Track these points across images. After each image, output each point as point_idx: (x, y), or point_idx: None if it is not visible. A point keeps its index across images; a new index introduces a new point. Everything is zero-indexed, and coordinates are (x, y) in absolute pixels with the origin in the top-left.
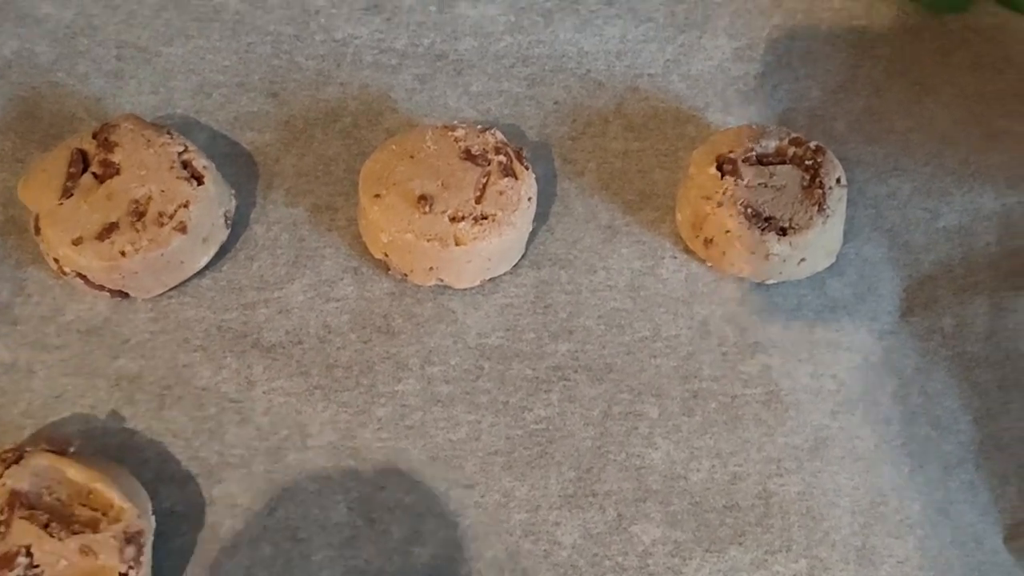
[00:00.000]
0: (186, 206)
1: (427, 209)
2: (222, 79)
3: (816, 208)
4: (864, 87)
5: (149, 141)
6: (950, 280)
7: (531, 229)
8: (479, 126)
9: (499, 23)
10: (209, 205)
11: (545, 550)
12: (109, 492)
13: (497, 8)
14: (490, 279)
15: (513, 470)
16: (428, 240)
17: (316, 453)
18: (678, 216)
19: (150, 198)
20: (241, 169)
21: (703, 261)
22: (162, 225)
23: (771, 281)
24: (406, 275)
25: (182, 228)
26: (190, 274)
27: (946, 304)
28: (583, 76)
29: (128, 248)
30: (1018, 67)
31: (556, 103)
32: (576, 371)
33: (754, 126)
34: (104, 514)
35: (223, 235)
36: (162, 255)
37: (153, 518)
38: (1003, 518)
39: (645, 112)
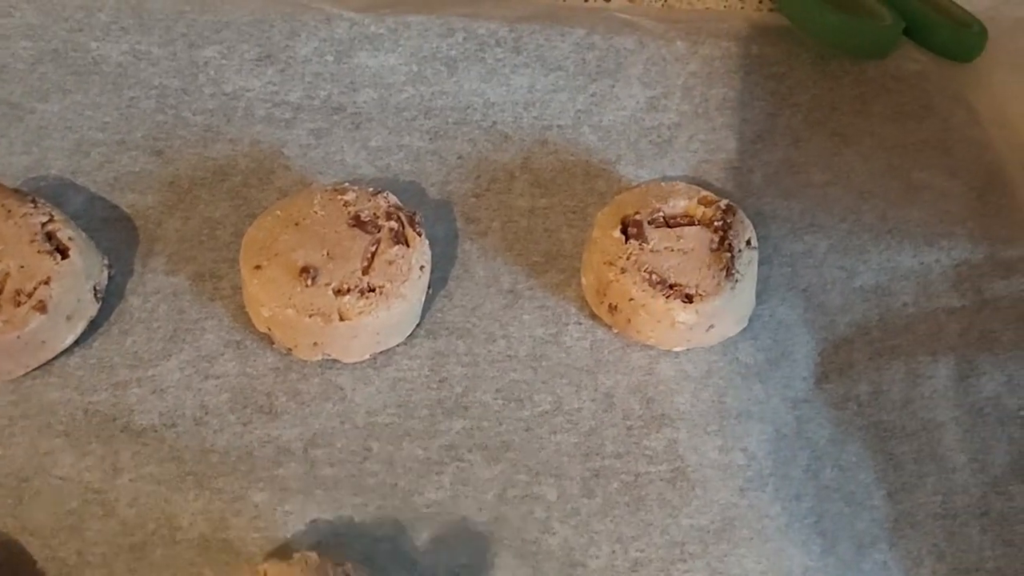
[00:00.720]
0: (47, 283)
1: (310, 282)
2: (101, 136)
3: (724, 273)
4: (783, 137)
5: (9, 211)
6: (867, 343)
7: (426, 296)
8: (371, 188)
9: (400, 73)
10: (75, 280)
11: None
12: None
13: (398, 58)
14: (382, 351)
15: (398, 559)
16: (310, 316)
17: (185, 547)
18: (583, 280)
19: (7, 275)
20: (119, 235)
21: (609, 327)
22: (19, 304)
23: (679, 348)
24: (291, 350)
25: (41, 308)
26: (54, 354)
27: (862, 370)
28: (489, 128)
29: None
30: (939, 116)
31: (460, 157)
32: (471, 450)
33: (663, 184)
34: None
35: (92, 310)
36: (19, 337)
37: None
38: None
39: (553, 166)
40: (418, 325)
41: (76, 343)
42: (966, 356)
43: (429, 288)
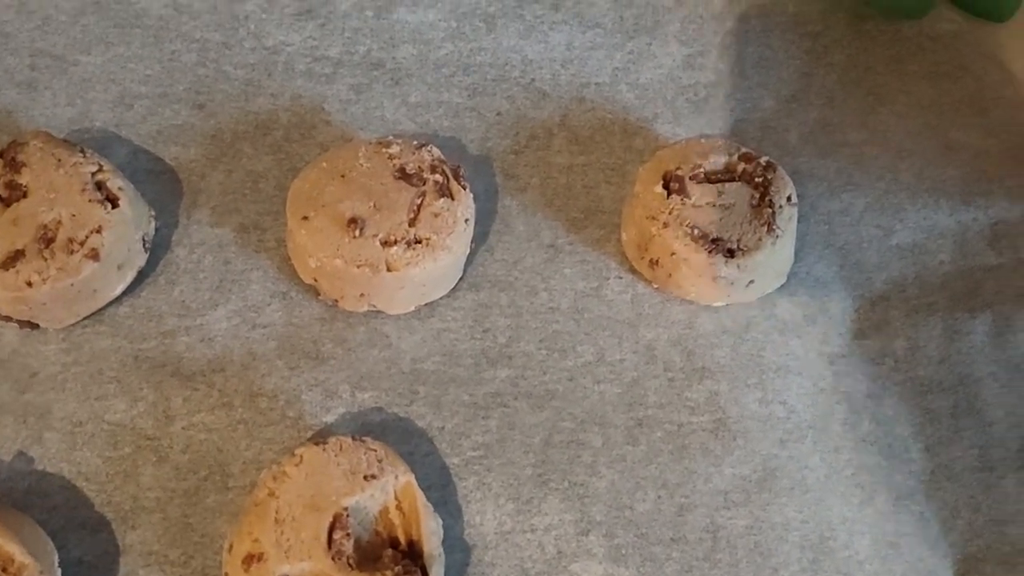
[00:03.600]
0: (99, 231)
1: (357, 233)
2: (144, 90)
3: (765, 228)
4: (818, 97)
5: (60, 161)
6: (903, 300)
7: (469, 250)
8: (415, 142)
9: (439, 30)
10: (125, 229)
11: None
12: (9, 546)
13: (437, 14)
14: (426, 304)
15: (447, 505)
16: (358, 267)
17: (237, 493)
18: (623, 235)
19: (60, 223)
20: (163, 187)
21: (649, 282)
22: (72, 253)
23: (719, 303)
24: (337, 301)
25: (94, 255)
26: (105, 302)
27: (899, 326)
28: (527, 86)
29: (35, 278)
30: (975, 76)
31: (498, 114)
32: (516, 398)
33: (703, 140)
34: (4, 569)
35: (141, 260)
36: (72, 285)
37: (59, 571)
38: (953, 552)
39: (591, 124)
40: (461, 279)
41: (125, 293)
42: (1003, 313)
43: (472, 242)
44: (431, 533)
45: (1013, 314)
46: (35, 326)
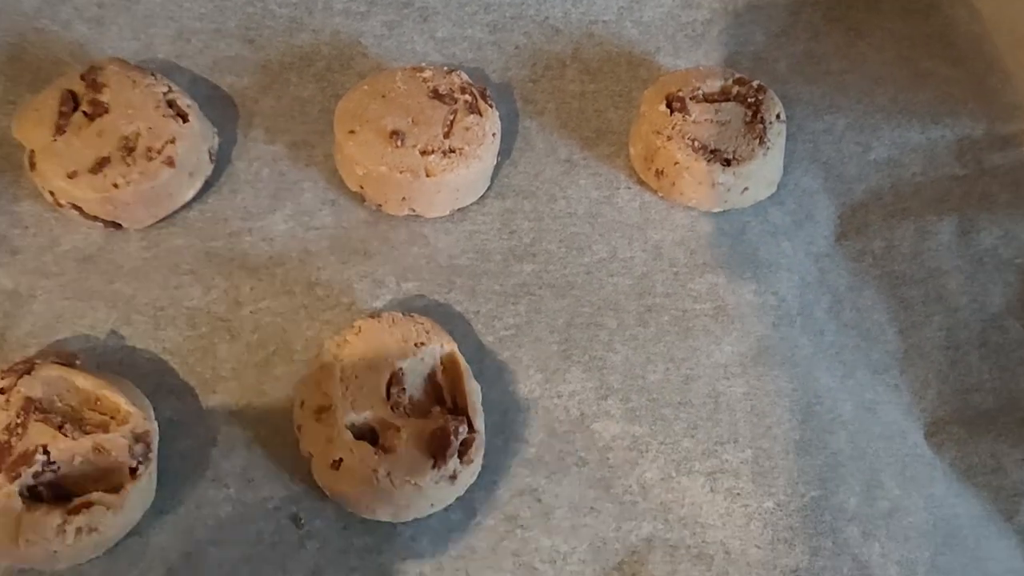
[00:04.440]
0: (173, 142)
1: (399, 144)
2: (199, 26)
3: (758, 141)
4: (804, 32)
5: (135, 82)
6: (880, 207)
7: (496, 163)
8: (445, 67)
9: None
10: (194, 141)
11: (513, 448)
12: (116, 398)
13: None
14: (459, 209)
15: (485, 375)
16: (400, 172)
17: (301, 365)
18: (631, 150)
19: (139, 134)
20: (222, 110)
21: (655, 192)
22: (151, 159)
23: (718, 209)
24: (380, 206)
25: (170, 162)
26: (178, 206)
27: (876, 229)
28: (542, 23)
29: (120, 180)
30: (944, 13)
31: (517, 48)
32: (540, 288)
33: (701, 68)
34: (112, 418)
35: (208, 169)
36: (152, 187)
37: (156, 423)
38: (924, 417)
39: (600, 56)
40: (489, 188)
41: (194, 199)
42: (967, 215)
43: (498, 156)
44: (472, 391)
45: (975, 216)
46: (118, 226)
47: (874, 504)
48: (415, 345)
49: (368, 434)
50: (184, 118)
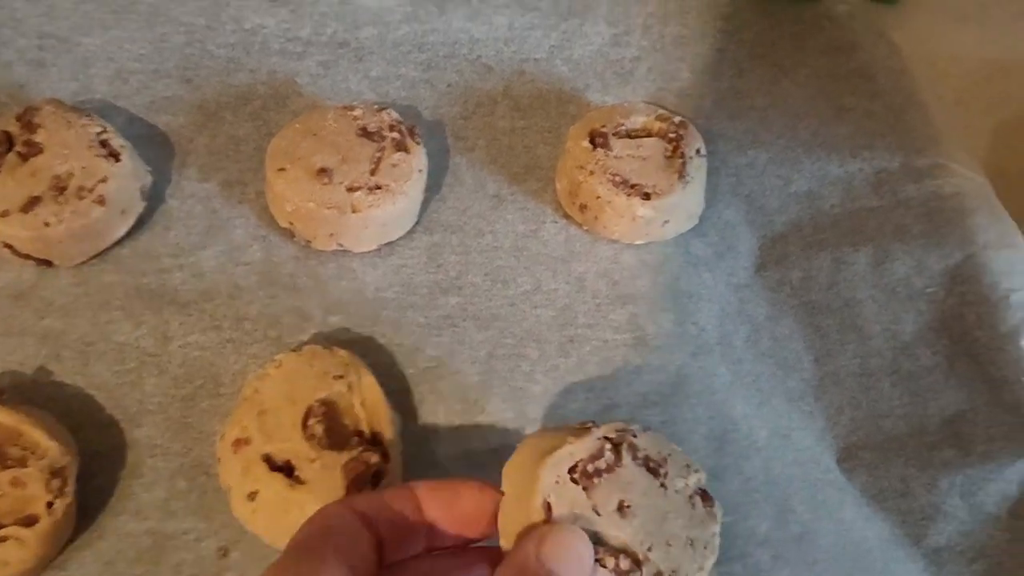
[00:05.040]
0: (104, 181)
1: (327, 181)
2: (138, 66)
3: (677, 176)
4: (729, 69)
5: (70, 122)
6: (799, 238)
7: (424, 198)
8: (376, 106)
9: (397, 13)
10: (126, 180)
11: (431, 477)
12: (36, 433)
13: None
14: (386, 243)
15: (406, 406)
16: (327, 208)
17: (227, 399)
18: (557, 185)
19: (71, 174)
20: (157, 149)
21: (580, 225)
22: (83, 198)
23: (640, 242)
24: (309, 241)
25: (101, 201)
26: (109, 243)
27: (795, 259)
28: (474, 61)
29: (51, 219)
30: (865, 50)
31: (449, 86)
32: (464, 320)
33: (626, 104)
34: (32, 452)
35: (140, 207)
36: (83, 226)
37: (78, 458)
38: (837, 443)
39: (531, 93)
40: (417, 223)
41: (126, 236)
42: (882, 246)
43: (426, 190)
44: (389, 422)
45: (890, 247)
46: (49, 264)
47: (785, 528)
48: (333, 378)
49: (284, 467)
50: (117, 157)
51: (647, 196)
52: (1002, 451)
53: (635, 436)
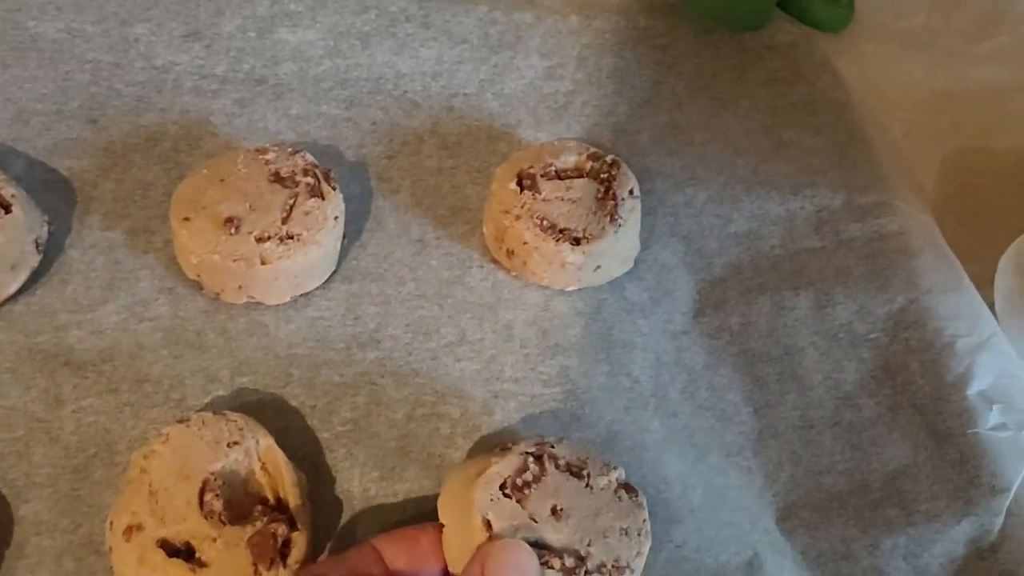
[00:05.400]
0: None
1: (233, 231)
2: (40, 107)
3: (608, 219)
4: (667, 102)
5: None
6: (739, 281)
7: (343, 245)
8: (290, 149)
9: (318, 48)
10: (17, 232)
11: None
12: None
13: (316, 33)
14: (302, 294)
15: (319, 473)
16: (234, 260)
17: (124, 469)
18: (485, 229)
19: None
20: (58, 196)
21: (508, 271)
22: None
23: (572, 288)
24: (218, 294)
25: None
26: (0, 300)
27: (734, 304)
28: (400, 97)
29: None
30: (808, 81)
31: (373, 123)
32: (383, 376)
33: (556, 142)
34: None
35: (34, 261)
36: None
37: None
38: (776, 501)
39: (459, 130)
40: (335, 272)
41: (20, 292)
42: (823, 289)
43: (344, 238)
44: (293, 486)
45: (832, 290)
46: None
47: None
48: (228, 446)
49: (184, 549)
50: (7, 209)
51: (577, 241)
52: (947, 509)
53: (553, 447)
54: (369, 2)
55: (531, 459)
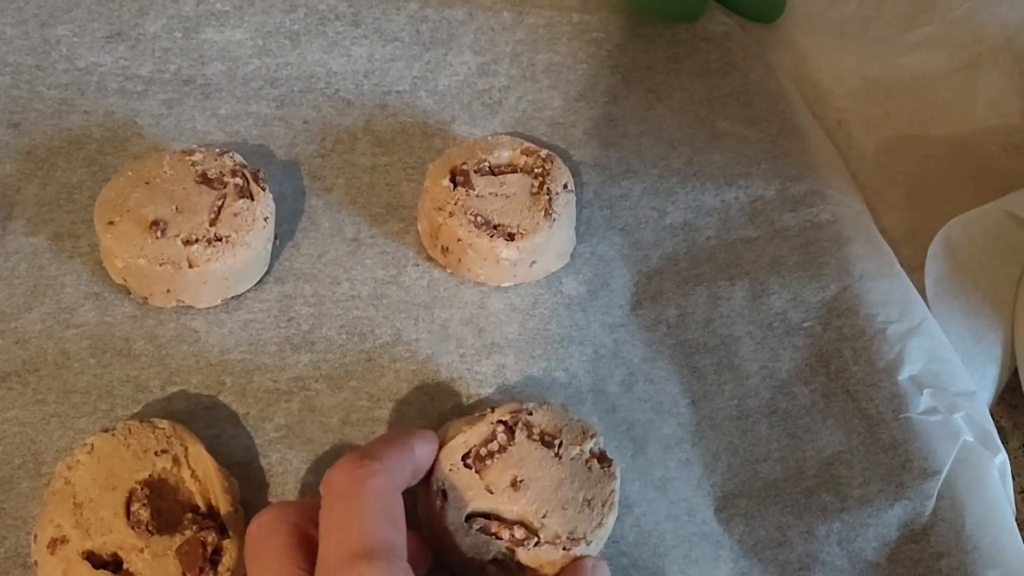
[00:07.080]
0: None
1: (159, 234)
2: None
3: (543, 213)
4: (603, 95)
5: None
6: (675, 273)
7: (275, 245)
8: (218, 149)
9: (246, 47)
10: None
11: None
12: None
13: (244, 33)
14: (233, 297)
15: (252, 481)
16: (161, 264)
17: (50, 480)
18: (419, 226)
19: None
20: None
21: (444, 268)
22: None
23: (508, 284)
24: (146, 299)
25: None
26: None
27: (671, 296)
28: (332, 95)
29: None
30: (742, 72)
31: (305, 122)
32: (317, 380)
33: (490, 138)
34: None
35: None
36: None
37: None
38: (714, 491)
39: (393, 128)
40: (267, 273)
41: None
42: (758, 279)
43: (276, 239)
44: (225, 492)
45: (766, 279)
46: None
47: None
48: (155, 454)
49: (111, 561)
50: None
51: (511, 237)
52: (879, 494)
53: (531, 414)
54: (298, 1)
55: (501, 428)
